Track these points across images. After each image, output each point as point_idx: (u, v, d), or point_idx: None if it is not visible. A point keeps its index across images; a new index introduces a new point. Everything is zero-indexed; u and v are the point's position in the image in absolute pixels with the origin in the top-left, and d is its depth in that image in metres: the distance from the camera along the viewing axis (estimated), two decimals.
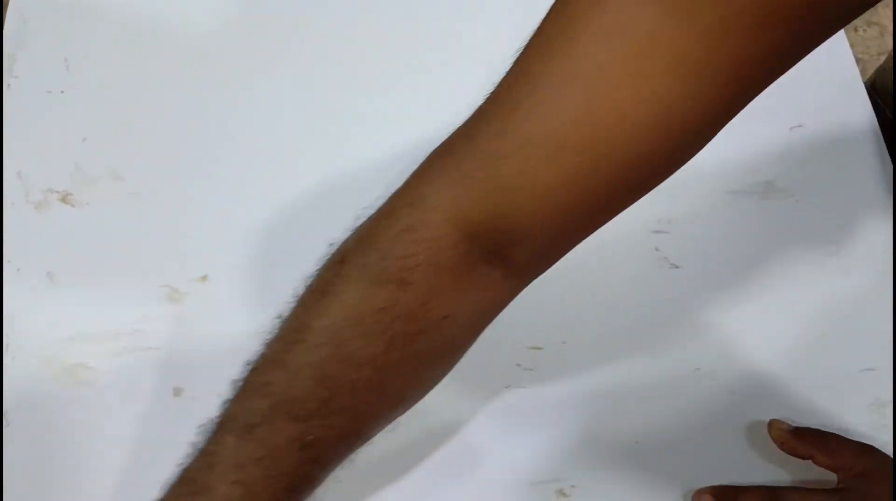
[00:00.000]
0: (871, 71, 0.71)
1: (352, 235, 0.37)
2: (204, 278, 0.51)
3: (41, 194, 0.53)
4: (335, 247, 0.37)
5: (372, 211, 0.37)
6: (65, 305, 0.50)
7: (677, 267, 0.55)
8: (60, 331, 0.49)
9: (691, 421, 0.51)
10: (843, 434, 0.49)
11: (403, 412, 0.39)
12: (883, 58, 1.22)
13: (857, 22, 1.25)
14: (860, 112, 0.61)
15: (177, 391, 0.48)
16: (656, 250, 0.56)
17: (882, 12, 1.28)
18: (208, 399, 0.48)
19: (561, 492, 0.48)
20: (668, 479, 0.49)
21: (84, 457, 0.47)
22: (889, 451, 0.49)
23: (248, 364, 0.37)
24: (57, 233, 0.52)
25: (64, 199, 0.53)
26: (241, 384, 0.37)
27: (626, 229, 0.56)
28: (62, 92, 0.56)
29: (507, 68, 0.34)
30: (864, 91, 0.62)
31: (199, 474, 0.35)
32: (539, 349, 0.52)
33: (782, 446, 0.48)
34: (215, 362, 0.49)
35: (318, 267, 0.37)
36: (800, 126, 0.60)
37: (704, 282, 0.55)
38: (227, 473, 0.35)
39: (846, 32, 0.66)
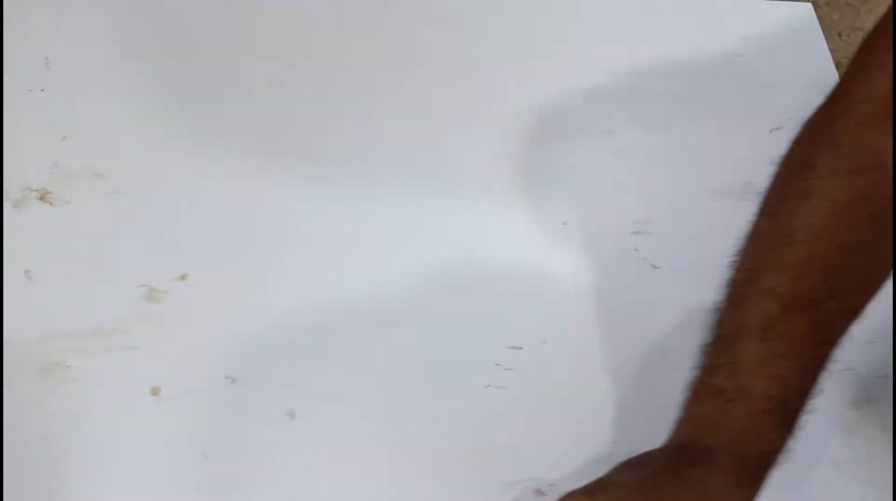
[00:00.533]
0: None
1: (800, 147, 0.42)
2: (183, 277, 0.51)
3: (20, 192, 0.53)
4: (778, 163, 0.43)
5: None
6: (43, 304, 0.50)
7: (657, 268, 0.56)
8: (38, 330, 0.49)
9: (670, 421, 0.51)
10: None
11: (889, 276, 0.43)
12: None
13: (841, 27, 1.25)
14: None
15: (154, 391, 0.48)
16: (636, 250, 0.56)
17: (866, 17, 1.29)
18: (186, 399, 0.48)
19: (539, 491, 0.48)
20: None
21: (62, 456, 0.46)
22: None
23: (726, 284, 0.43)
24: (35, 231, 0.52)
25: (43, 197, 0.53)
26: (730, 299, 0.42)
27: (606, 230, 0.57)
28: (42, 90, 0.56)
29: None
30: None
31: (726, 382, 0.41)
32: (519, 348, 0.52)
33: None
34: (193, 361, 0.49)
35: (772, 182, 0.43)
36: (778, 128, 0.61)
37: (684, 282, 0.55)
38: (757, 372, 0.40)
39: (829, 37, 0.66)
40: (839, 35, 1.27)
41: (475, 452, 0.49)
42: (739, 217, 0.58)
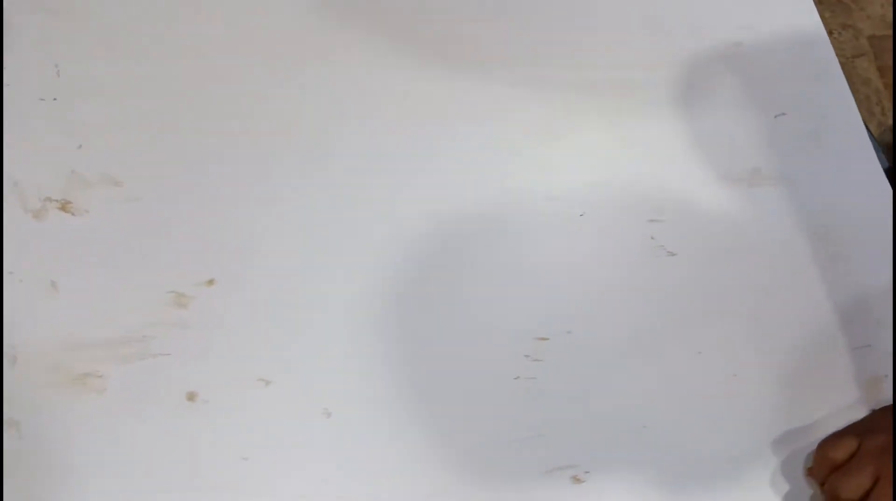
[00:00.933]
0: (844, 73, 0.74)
1: None
2: (211, 281, 0.51)
3: (39, 202, 0.52)
4: None
5: None
6: (70, 313, 0.50)
7: (674, 254, 0.57)
8: (67, 340, 0.49)
9: (696, 404, 0.52)
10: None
11: None
12: (857, 60, 1.25)
13: (833, 25, 1.27)
14: (840, 101, 0.63)
15: (191, 396, 0.48)
16: (652, 238, 0.57)
17: (857, 15, 1.31)
18: (223, 402, 0.48)
19: (575, 478, 0.49)
20: (676, 461, 0.51)
21: (99, 467, 0.46)
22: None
23: None
24: (58, 241, 0.51)
25: (63, 207, 0.52)
26: None
27: (622, 220, 0.58)
28: (55, 99, 0.56)
29: None
30: (845, 82, 0.64)
31: None
32: (545, 339, 0.53)
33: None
34: (227, 364, 0.49)
35: None
36: (783, 114, 0.62)
37: (700, 268, 0.56)
38: None
39: None
40: (831, 33, 1.30)
41: (511, 442, 0.50)
42: (749, 203, 0.60)
